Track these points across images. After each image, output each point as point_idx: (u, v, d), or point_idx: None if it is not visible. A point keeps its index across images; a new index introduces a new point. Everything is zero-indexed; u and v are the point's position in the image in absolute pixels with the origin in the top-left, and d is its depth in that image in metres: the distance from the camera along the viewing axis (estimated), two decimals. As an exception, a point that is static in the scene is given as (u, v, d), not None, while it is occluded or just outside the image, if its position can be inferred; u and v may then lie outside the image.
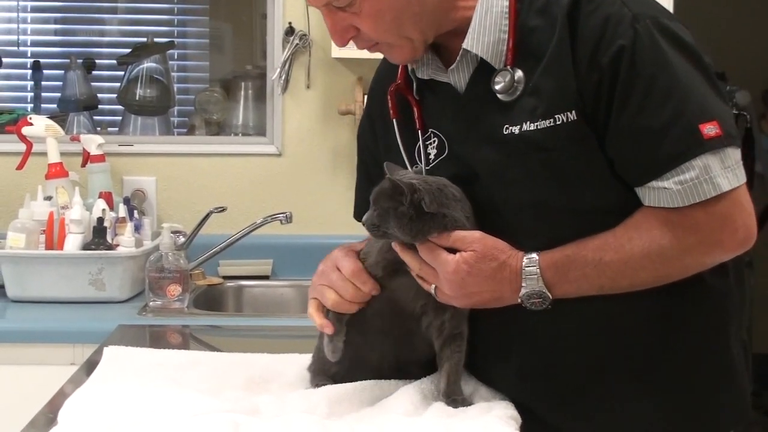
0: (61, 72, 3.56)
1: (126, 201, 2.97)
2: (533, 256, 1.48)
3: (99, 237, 2.72)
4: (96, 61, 3.66)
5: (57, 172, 2.93)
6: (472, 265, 1.47)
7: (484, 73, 1.52)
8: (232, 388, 1.63)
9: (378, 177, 1.55)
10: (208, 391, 1.59)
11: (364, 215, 1.51)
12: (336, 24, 1.53)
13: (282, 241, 3.14)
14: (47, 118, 3.07)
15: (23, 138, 2.96)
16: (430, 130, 1.60)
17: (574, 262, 1.46)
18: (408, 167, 1.60)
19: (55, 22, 3.85)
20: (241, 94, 3.42)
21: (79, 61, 3.56)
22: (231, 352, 1.90)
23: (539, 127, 1.46)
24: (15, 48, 3.77)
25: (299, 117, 3.20)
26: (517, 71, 1.50)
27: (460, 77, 1.56)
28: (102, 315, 2.59)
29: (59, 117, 3.35)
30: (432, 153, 1.59)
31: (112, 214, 2.81)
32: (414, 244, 1.51)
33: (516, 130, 1.48)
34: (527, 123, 1.47)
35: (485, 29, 1.51)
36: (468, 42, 1.52)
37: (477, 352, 1.59)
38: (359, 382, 1.57)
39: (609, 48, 1.42)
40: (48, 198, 2.84)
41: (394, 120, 1.64)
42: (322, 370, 1.63)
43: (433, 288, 1.52)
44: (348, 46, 1.57)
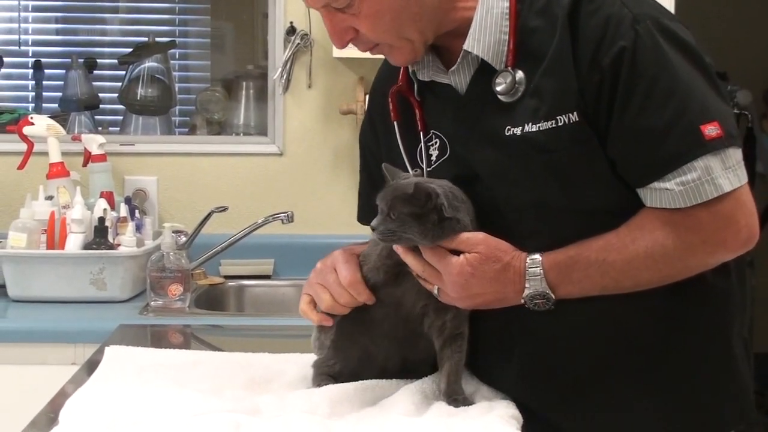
0: (63, 71, 3.56)
1: (127, 201, 2.97)
2: (536, 257, 1.47)
3: (100, 237, 2.71)
4: (97, 61, 3.66)
5: (58, 171, 2.93)
6: (476, 267, 1.47)
7: (484, 74, 1.52)
8: (233, 387, 1.63)
9: (381, 179, 1.54)
10: (209, 391, 1.59)
11: (372, 221, 1.48)
12: (335, 25, 1.53)
13: (283, 241, 3.14)
14: (48, 117, 3.07)
15: (24, 138, 2.96)
16: (431, 131, 1.60)
17: (577, 262, 1.46)
18: (409, 169, 1.60)
19: (57, 21, 3.85)
20: (243, 93, 3.42)
21: (81, 61, 3.56)
22: (232, 351, 1.90)
23: (541, 129, 1.46)
24: (16, 47, 3.77)
25: (300, 117, 3.20)
26: (518, 72, 1.49)
27: (460, 78, 1.55)
28: (103, 315, 2.58)
29: (60, 116, 3.35)
30: (434, 154, 1.59)
31: (113, 213, 2.81)
32: (416, 246, 1.50)
33: (518, 131, 1.48)
34: (529, 124, 1.47)
35: (486, 30, 1.51)
36: (468, 43, 1.52)
37: (479, 352, 1.59)
38: (360, 381, 1.57)
39: (610, 49, 1.42)
40: (49, 198, 2.84)
41: (395, 122, 1.64)
42: (326, 367, 1.63)
43: (436, 289, 1.52)
44: (349, 46, 1.56)
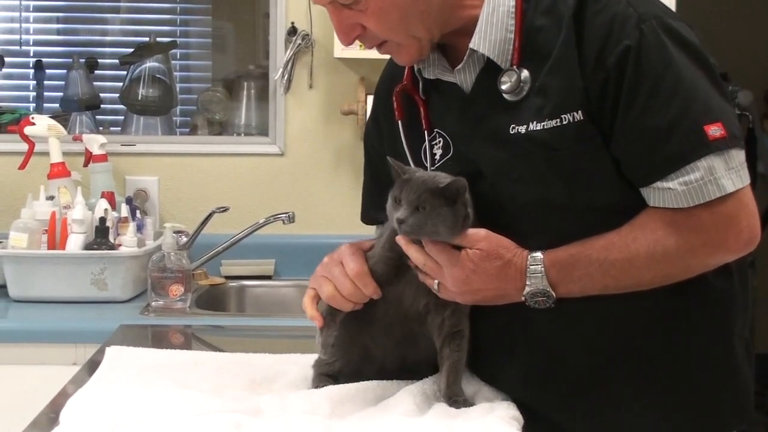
0: (64, 71, 3.55)
1: (128, 201, 2.97)
2: (538, 254, 1.48)
3: (101, 237, 2.71)
4: (98, 61, 3.66)
5: (59, 171, 2.93)
6: (477, 263, 1.48)
7: (490, 73, 1.52)
8: (234, 388, 1.63)
9: (386, 178, 1.54)
10: (210, 392, 1.59)
11: (398, 213, 1.46)
12: (342, 22, 1.53)
13: (284, 241, 3.14)
14: (49, 117, 3.07)
15: (25, 138, 2.96)
16: (435, 130, 1.60)
17: (578, 261, 1.46)
18: (412, 167, 1.60)
19: (58, 21, 3.85)
20: (244, 93, 3.42)
21: (82, 61, 3.56)
22: (233, 352, 1.90)
23: (546, 127, 1.46)
24: (17, 47, 3.77)
25: (302, 117, 3.20)
26: (524, 71, 1.50)
27: (466, 77, 1.56)
28: (104, 315, 2.58)
29: (61, 117, 3.35)
30: (437, 153, 1.59)
31: (114, 213, 2.81)
32: (419, 239, 1.50)
33: (522, 129, 1.48)
34: (534, 123, 1.47)
35: (491, 28, 1.51)
36: (474, 41, 1.52)
37: (481, 351, 1.59)
38: (361, 382, 1.57)
39: (615, 48, 1.43)
40: (50, 198, 2.84)
41: (399, 121, 1.64)
42: (326, 366, 1.63)
43: (436, 284, 1.52)
44: (351, 45, 1.56)
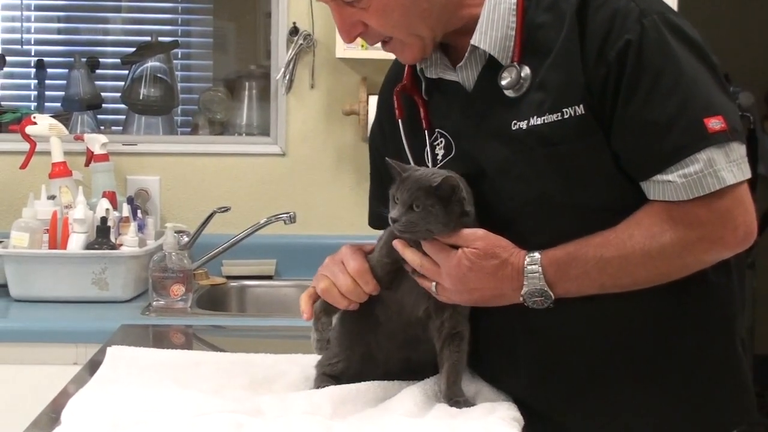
0: (65, 71, 3.55)
1: (129, 200, 2.97)
2: (535, 254, 1.48)
3: (102, 236, 2.71)
4: (100, 60, 3.66)
5: (60, 171, 2.93)
6: (473, 262, 1.48)
7: (492, 71, 1.53)
8: (235, 388, 1.63)
9: (390, 181, 1.54)
10: (211, 392, 1.59)
11: (391, 212, 1.48)
12: (344, 20, 1.54)
13: (285, 241, 3.14)
14: (51, 117, 3.07)
15: (27, 137, 2.96)
16: (436, 130, 1.61)
17: (575, 259, 1.47)
18: (414, 167, 1.60)
19: (59, 20, 3.85)
20: (245, 93, 3.42)
21: (83, 60, 3.56)
22: (234, 352, 1.89)
23: (546, 121, 1.47)
24: (19, 47, 3.77)
25: (303, 117, 3.20)
26: (524, 68, 1.50)
27: (468, 75, 1.56)
28: (105, 315, 2.58)
29: (63, 116, 3.35)
30: (439, 153, 1.60)
31: (115, 213, 2.81)
32: (414, 242, 1.50)
33: (524, 125, 1.49)
34: (534, 117, 1.48)
35: (493, 25, 1.52)
36: (476, 38, 1.52)
37: (482, 353, 1.59)
38: (363, 383, 1.57)
39: (616, 42, 1.43)
40: (51, 197, 2.84)
41: (399, 120, 1.64)
42: (328, 366, 1.63)
43: (434, 285, 1.52)
44: (353, 45, 1.56)
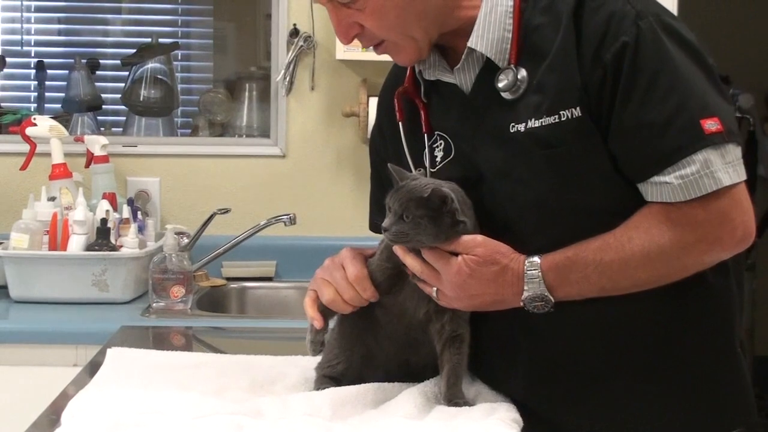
0: (65, 72, 3.55)
1: (130, 202, 2.97)
2: (535, 259, 1.48)
3: (102, 238, 2.71)
4: (100, 62, 3.66)
5: (61, 172, 2.93)
6: (473, 269, 1.48)
7: (489, 73, 1.53)
8: (235, 389, 1.63)
9: (390, 185, 1.54)
10: (211, 393, 1.59)
11: (384, 222, 1.49)
12: (341, 21, 1.54)
13: (286, 243, 3.13)
14: (51, 118, 3.07)
15: (27, 138, 2.96)
16: (435, 132, 1.61)
17: (575, 263, 1.47)
18: (413, 170, 1.61)
19: (59, 22, 3.85)
20: (245, 95, 3.42)
21: (83, 62, 3.56)
22: (234, 353, 1.90)
23: (544, 124, 1.47)
24: (19, 48, 3.77)
25: (303, 118, 3.19)
26: (521, 70, 1.50)
27: (465, 77, 1.56)
28: (105, 316, 2.58)
29: (63, 117, 3.35)
30: (438, 156, 1.60)
31: (115, 215, 2.81)
32: (415, 249, 1.51)
33: (521, 127, 1.49)
34: (532, 120, 1.48)
35: (489, 27, 1.52)
36: (472, 40, 1.53)
37: (483, 356, 1.59)
38: (363, 384, 1.57)
39: (612, 44, 1.44)
40: (52, 199, 2.84)
41: (399, 123, 1.65)
42: (328, 368, 1.63)
43: (435, 291, 1.52)
44: (353, 47, 1.57)
